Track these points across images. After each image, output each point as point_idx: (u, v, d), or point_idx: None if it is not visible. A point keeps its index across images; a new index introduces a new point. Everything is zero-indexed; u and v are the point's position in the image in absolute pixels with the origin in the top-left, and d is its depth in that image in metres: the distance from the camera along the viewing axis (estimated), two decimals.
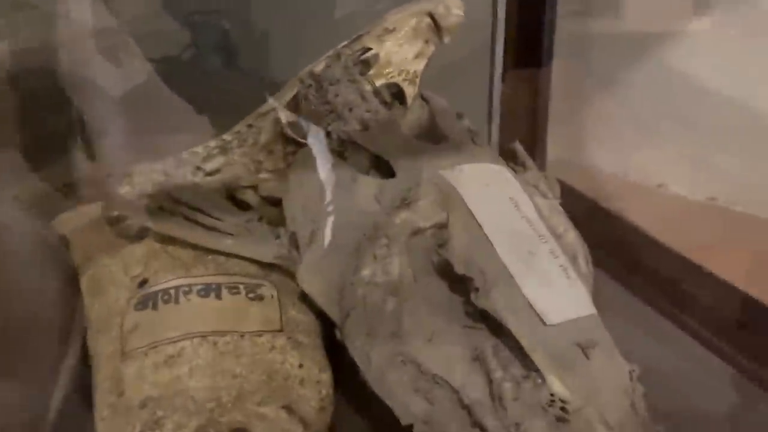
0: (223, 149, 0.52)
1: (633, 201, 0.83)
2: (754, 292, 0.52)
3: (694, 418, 0.39)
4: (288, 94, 0.52)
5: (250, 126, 0.53)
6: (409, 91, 0.54)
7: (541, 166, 0.74)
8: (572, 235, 0.41)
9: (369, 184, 0.39)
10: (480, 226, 0.35)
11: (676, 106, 0.79)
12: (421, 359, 0.33)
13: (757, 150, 0.73)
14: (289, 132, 0.50)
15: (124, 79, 0.65)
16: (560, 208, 0.42)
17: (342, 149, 0.44)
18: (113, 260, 0.40)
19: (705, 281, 0.49)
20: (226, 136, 0.53)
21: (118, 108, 0.65)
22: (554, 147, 0.82)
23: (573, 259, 0.38)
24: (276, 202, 0.47)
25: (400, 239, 0.36)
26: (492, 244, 0.35)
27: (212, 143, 0.52)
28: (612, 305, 0.49)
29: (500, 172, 0.40)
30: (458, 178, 0.38)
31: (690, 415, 0.39)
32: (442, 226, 0.36)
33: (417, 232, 0.36)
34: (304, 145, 0.49)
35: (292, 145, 0.51)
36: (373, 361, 0.34)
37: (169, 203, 0.42)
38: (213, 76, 0.69)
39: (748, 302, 0.46)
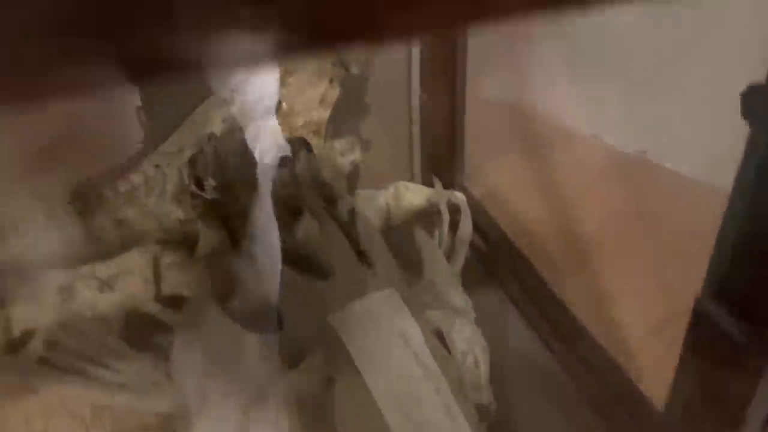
0: (130, 198, 0.51)
1: (566, 151, 0.83)
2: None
3: None
4: (191, 147, 0.50)
5: (157, 167, 0.51)
6: (315, 141, 0.53)
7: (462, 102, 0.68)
8: (468, 331, 0.42)
9: (255, 342, 0.39)
10: (365, 384, 0.36)
11: (615, 55, 0.76)
12: None
13: (688, 105, 0.72)
14: (194, 189, 0.49)
15: None
16: (456, 307, 0.43)
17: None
18: (14, 410, 0.40)
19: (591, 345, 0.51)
20: (134, 177, 0.51)
21: None
22: (490, 89, 0.80)
23: (460, 378, 0.39)
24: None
25: (288, 401, 0.36)
26: (377, 405, 0.35)
27: (121, 188, 0.51)
28: (517, 350, 0.51)
29: (390, 299, 0.39)
30: (346, 323, 0.38)
31: None
32: (330, 384, 0.36)
33: (301, 393, 0.36)
34: (210, 200, 0.48)
35: (198, 198, 0.50)
36: None
37: (56, 355, 0.41)
38: None
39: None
